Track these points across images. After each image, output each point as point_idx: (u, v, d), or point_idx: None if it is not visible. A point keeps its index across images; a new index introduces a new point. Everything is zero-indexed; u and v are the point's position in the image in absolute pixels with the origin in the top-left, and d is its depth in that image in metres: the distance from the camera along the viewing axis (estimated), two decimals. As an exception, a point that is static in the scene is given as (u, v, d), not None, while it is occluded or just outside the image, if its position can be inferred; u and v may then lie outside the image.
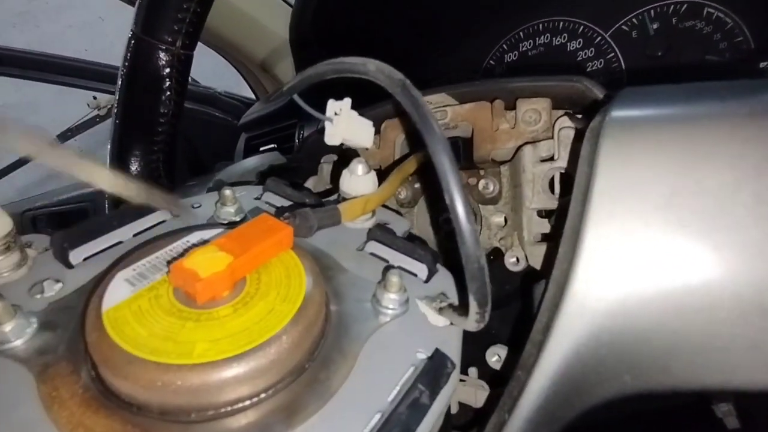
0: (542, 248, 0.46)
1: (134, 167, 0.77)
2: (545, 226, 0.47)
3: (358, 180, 0.45)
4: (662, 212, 0.32)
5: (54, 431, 0.26)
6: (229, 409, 0.27)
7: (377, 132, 0.58)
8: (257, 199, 0.47)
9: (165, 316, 0.28)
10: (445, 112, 0.55)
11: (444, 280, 0.40)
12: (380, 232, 0.42)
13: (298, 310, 0.30)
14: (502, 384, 0.39)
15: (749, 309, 0.30)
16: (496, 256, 0.53)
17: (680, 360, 0.32)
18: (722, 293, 0.31)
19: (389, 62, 0.50)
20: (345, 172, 0.45)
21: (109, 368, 0.27)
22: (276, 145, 1.04)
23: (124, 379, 0.26)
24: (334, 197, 0.49)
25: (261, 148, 1.05)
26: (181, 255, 0.33)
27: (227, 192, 0.43)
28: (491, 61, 1.01)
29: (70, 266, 0.36)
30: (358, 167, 0.45)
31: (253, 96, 1.47)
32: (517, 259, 0.49)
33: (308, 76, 0.41)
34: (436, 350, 0.32)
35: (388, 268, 0.39)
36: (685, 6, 0.80)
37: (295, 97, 0.45)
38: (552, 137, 0.47)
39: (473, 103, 0.54)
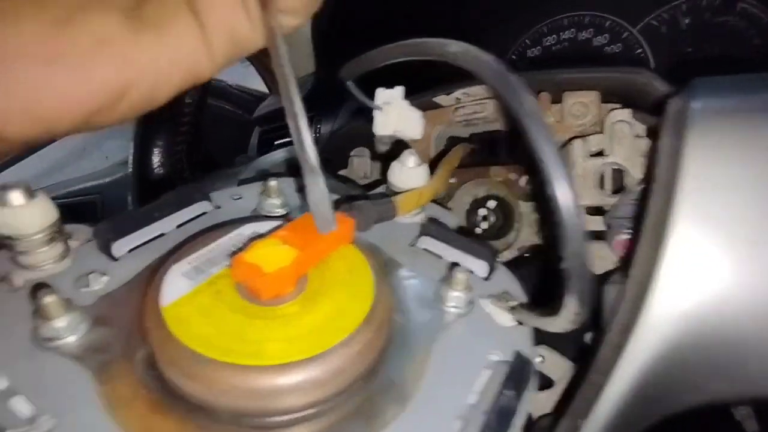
0: (594, 246, 0.44)
1: (157, 158, 0.75)
2: (593, 223, 0.45)
3: (409, 172, 0.43)
4: (759, 207, 0.29)
5: None
6: (305, 413, 0.26)
7: None
8: (298, 192, 0.45)
9: (229, 312, 0.27)
10: (485, 104, 0.53)
11: (504, 277, 0.38)
12: (434, 227, 0.40)
13: (371, 309, 0.28)
14: (547, 386, 0.38)
15: None
16: (537, 254, 0.51)
17: None
18: None
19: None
20: (395, 164, 0.44)
21: (176, 369, 0.25)
22: (291, 140, 1.01)
23: (193, 380, 0.25)
24: (378, 190, 0.47)
25: (276, 142, 1.03)
26: (239, 248, 0.32)
27: (273, 183, 0.42)
28: (513, 56, 0.98)
29: (114, 258, 0.35)
30: (409, 159, 0.43)
31: (263, 89, 1.45)
32: (559, 258, 0.48)
33: (372, 57, 0.39)
34: (518, 353, 0.31)
35: (453, 264, 0.37)
36: (719, 0, 0.78)
37: (349, 83, 0.43)
38: (600, 131, 0.45)
39: None
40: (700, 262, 0.29)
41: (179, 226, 0.39)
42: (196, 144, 0.79)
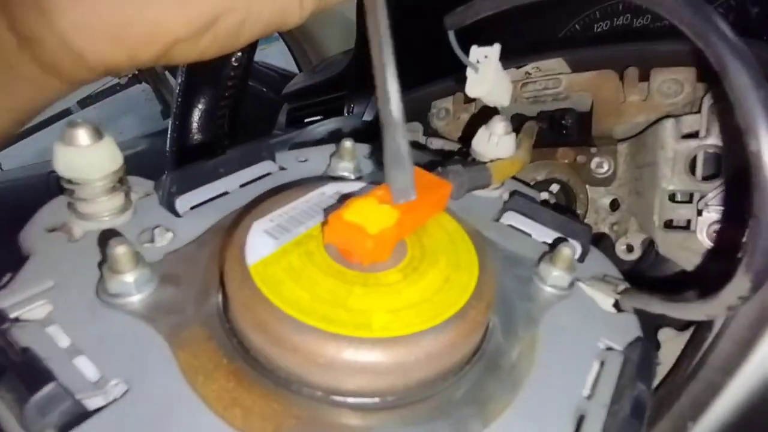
0: (677, 235, 0.42)
1: (198, 122, 0.73)
2: (677, 211, 0.42)
3: (498, 140, 0.39)
4: None
5: (205, 409, 0.21)
6: (412, 394, 0.23)
7: (473, 100, 0.54)
8: (367, 158, 0.42)
9: (324, 276, 0.24)
10: (558, 80, 0.50)
11: (599, 259, 0.35)
12: (522, 202, 0.38)
13: (477, 282, 0.25)
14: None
15: None
16: (599, 242, 0.48)
17: None
18: None
19: (457, 39, 0.44)
20: (482, 131, 0.40)
21: (267, 336, 0.22)
22: (322, 117, 0.99)
23: (291, 351, 0.22)
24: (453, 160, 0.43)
25: (306, 120, 1.00)
26: (324, 206, 0.29)
27: (348, 144, 0.39)
28: (562, 43, 0.95)
29: (177, 215, 0.32)
30: (499, 125, 0.39)
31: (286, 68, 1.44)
32: (629, 247, 0.45)
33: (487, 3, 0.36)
34: (639, 339, 0.28)
35: (558, 240, 0.34)
36: None
37: (450, 33, 0.40)
38: (695, 112, 0.42)
39: (595, 71, 0.48)
40: None
41: (243, 185, 0.36)
42: (236, 111, 0.77)
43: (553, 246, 0.32)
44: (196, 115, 0.72)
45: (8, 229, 0.30)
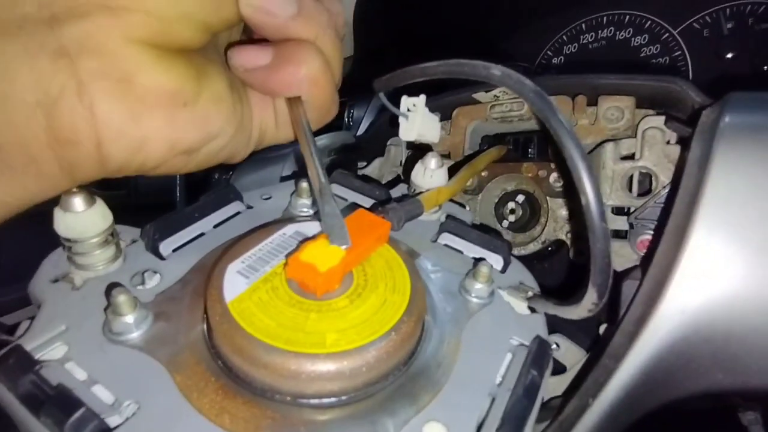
0: (614, 244, 0.52)
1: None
2: (618, 222, 0.53)
3: (431, 173, 0.52)
4: None
5: (201, 418, 0.31)
6: (357, 394, 0.34)
7: (448, 118, 0.66)
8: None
9: (287, 307, 0.35)
10: (522, 103, 0.62)
11: (518, 270, 0.48)
12: (454, 224, 0.50)
13: (409, 301, 0.36)
14: (559, 372, 0.47)
15: None
16: (559, 248, 0.60)
17: None
18: None
19: (448, 45, 0.56)
20: (418, 165, 0.53)
21: (245, 358, 0.33)
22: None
23: (263, 368, 0.32)
24: (398, 188, 0.56)
25: None
26: (288, 247, 0.40)
27: (304, 185, 0.50)
28: (549, 52, 1.07)
29: (161, 258, 0.43)
30: (431, 161, 0.52)
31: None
32: (582, 252, 0.57)
33: (409, 72, 0.47)
34: (538, 336, 0.40)
35: (478, 259, 0.46)
36: (764, 7, 0.85)
37: (381, 94, 0.51)
38: (633, 136, 0.53)
39: (551, 97, 0.59)
40: (714, 266, 0.37)
41: (216, 225, 0.47)
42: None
43: (478, 261, 0.44)
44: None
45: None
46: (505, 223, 0.65)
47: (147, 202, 1.01)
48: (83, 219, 0.38)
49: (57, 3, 0.31)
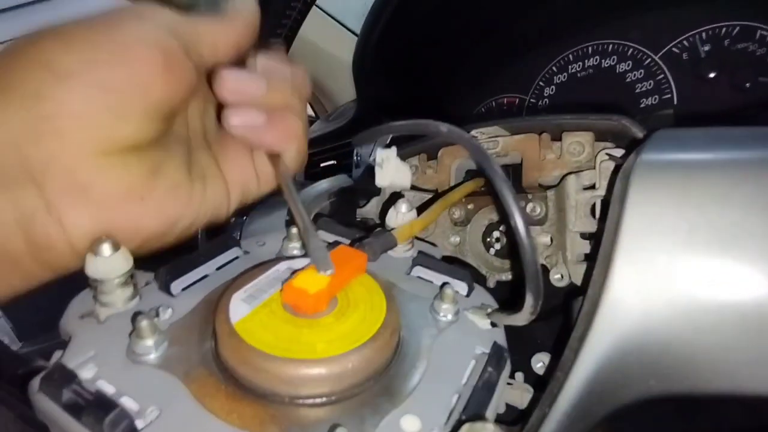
0: (584, 266, 0.63)
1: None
2: (587, 246, 0.64)
3: (402, 216, 0.64)
4: (681, 245, 0.45)
5: (214, 418, 0.40)
6: (344, 394, 0.43)
7: (434, 158, 0.79)
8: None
9: (283, 324, 0.45)
10: (497, 142, 0.73)
11: (480, 294, 0.59)
12: (424, 258, 0.62)
13: (385, 317, 0.47)
14: (545, 386, 0.54)
15: (753, 325, 0.43)
16: (542, 272, 0.69)
17: (697, 368, 0.45)
18: (731, 312, 0.44)
19: (445, 85, 0.68)
20: (391, 211, 0.65)
21: (250, 366, 0.42)
22: (335, 162, 1.26)
23: (265, 374, 0.41)
24: (377, 230, 0.68)
25: (321, 164, 1.26)
26: (280, 279, 0.51)
27: (294, 230, 0.63)
28: (540, 83, 1.19)
29: (172, 295, 0.53)
30: (402, 206, 0.64)
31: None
32: (561, 276, 0.66)
33: (380, 129, 0.61)
34: (495, 343, 0.51)
35: (443, 284, 0.57)
36: (738, 28, 0.95)
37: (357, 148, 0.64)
38: (594, 167, 0.63)
39: (523, 134, 0.72)
40: (637, 286, 0.46)
41: (218, 268, 0.59)
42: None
43: (443, 285, 0.55)
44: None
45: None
46: (492, 251, 0.76)
47: (175, 246, 1.13)
48: (109, 262, 0.47)
49: (24, 141, 0.40)
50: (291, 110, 0.52)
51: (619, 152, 0.62)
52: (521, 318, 0.48)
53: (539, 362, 0.61)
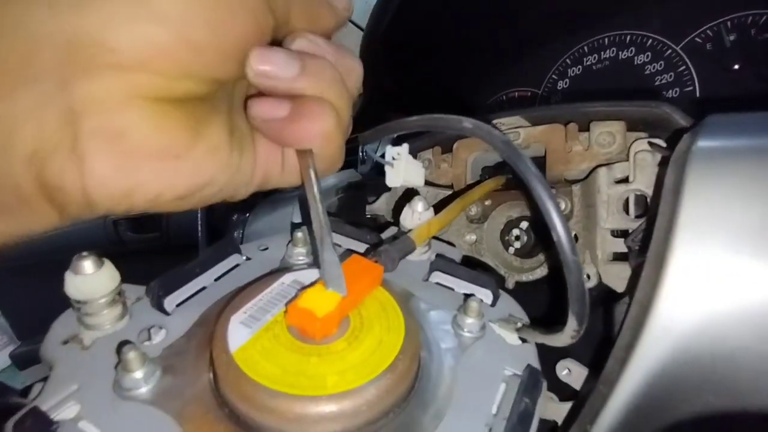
0: (615, 266, 0.58)
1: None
2: (619, 245, 0.58)
3: (419, 215, 0.59)
4: (750, 242, 0.41)
5: None
6: (362, 431, 0.38)
7: (450, 151, 0.74)
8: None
9: (288, 353, 0.40)
10: (518, 133, 0.68)
11: (507, 302, 0.54)
12: (443, 263, 0.56)
13: (404, 339, 0.42)
14: (571, 397, 0.51)
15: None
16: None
17: (765, 383, 0.41)
18: None
19: (454, 79, 0.62)
20: (406, 209, 0.60)
21: (251, 404, 0.38)
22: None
23: (268, 412, 0.37)
24: (389, 230, 0.64)
25: None
26: (287, 296, 0.46)
27: (299, 234, 0.57)
28: (554, 76, 1.14)
29: (166, 313, 0.48)
30: (418, 205, 0.59)
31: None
32: (588, 276, 0.61)
33: (391, 126, 0.54)
34: (529, 366, 0.45)
35: (468, 296, 0.51)
36: (765, 17, 0.90)
37: (367, 146, 0.59)
38: (626, 159, 0.58)
39: (546, 125, 0.66)
40: (695, 288, 0.42)
41: (217, 279, 0.53)
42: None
43: (468, 297, 0.50)
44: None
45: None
46: (512, 250, 0.71)
47: (177, 243, 1.09)
48: (93, 281, 0.43)
49: (73, 62, 0.34)
50: (325, 103, 0.45)
51: (659, 142, 0.56)
52: (561, 340, 0.43)
53: (564, 369, 0.55)
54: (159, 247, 1.26)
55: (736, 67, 0.92)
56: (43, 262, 1.08)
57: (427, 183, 0.75)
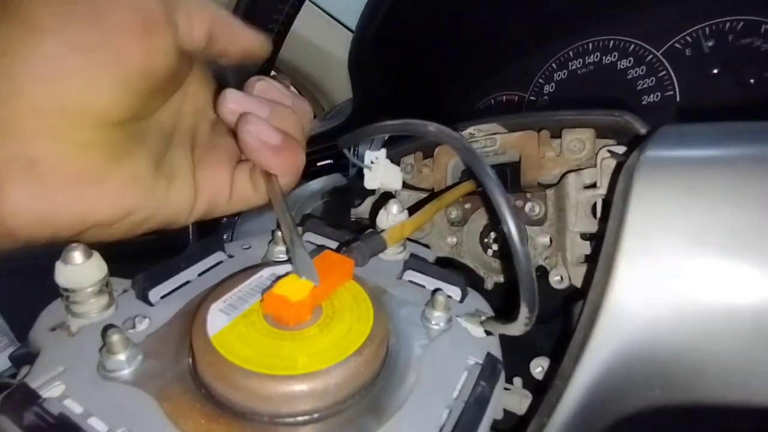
0: (584, 268, 0.61)
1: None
2: (588, 248, 0.61)
3: (393, 217, 0.62)
4: (690, 245, 0.43)
5: None
6: (328, 412, 0.41)
7: (431, 156, 0.76)
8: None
9: (263, 337, 0.42)
10: (494, 139, 0.71)
11: (475, 299, 0.56)
12: (416, 262, 0.59)
13: (372, 327, 0.44)
14: (544, 392, 0.52)
15: (765, 333, 0.41)
16: (541, 274, 0.67)
17: (707, 377, 0.42)
18: (744, 318, 0.41)
19: (443, 83, 0.65)
20: (382, 211, 0.63)
21: (227, 383, 0.40)
22: (332, 161, 1.25)
23: (242, 391, 0.39)
24: (369, 231, 0.65)
25: (318, 163, 1.25)
26: (262, 288, 0.48)
27: (279, 233, 0.59)
28: (540, 80, 1.17)
29: (150, 304, 0.50)
30: (393, 207, 0.62)
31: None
32: (561, 278, 0.64)
33: (367, 130, 0.58)
34: (488, 354, 0.47)
35: (435, 290, 0.54)
36: (742, 23, 0.93)
37: (346, 152, 0.62)
38: (595, 165, 0.60)
39: (521, 132, 0.69)
40: (642, 291, 0.44)
41: (200, 274, 0.56)
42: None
43: (435, 291, 0.52)
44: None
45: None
46: (490, 252, 0.73)
47: (174, 244, 1.12)
48: (81, 270, 0.45)
49: None
50: (295, 141, 0.51)
51: (620, 149, 0.59)
52: (516, 328, 0.45)
53: (538, 367, 0.57)
54: (156, 248, 1.26)
55: (715, 71, 0.95)
56: (43, 264, 1.10)
57: (409, 186, 0.78)
